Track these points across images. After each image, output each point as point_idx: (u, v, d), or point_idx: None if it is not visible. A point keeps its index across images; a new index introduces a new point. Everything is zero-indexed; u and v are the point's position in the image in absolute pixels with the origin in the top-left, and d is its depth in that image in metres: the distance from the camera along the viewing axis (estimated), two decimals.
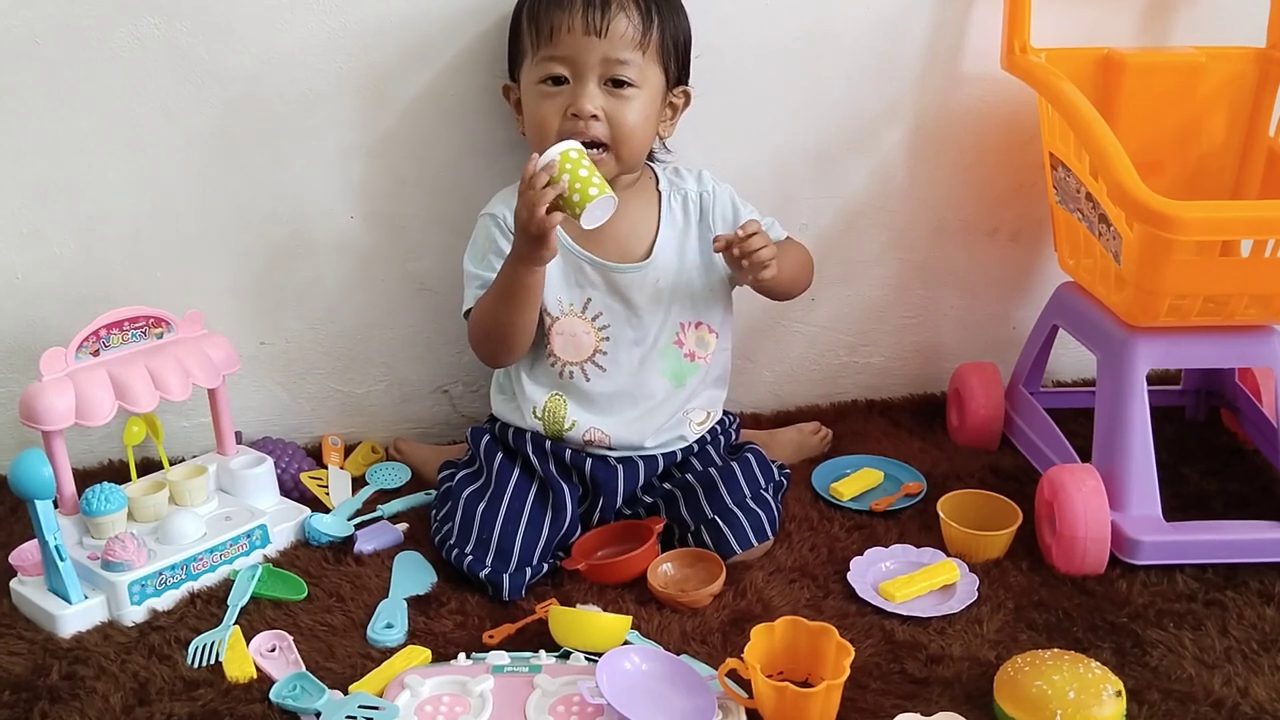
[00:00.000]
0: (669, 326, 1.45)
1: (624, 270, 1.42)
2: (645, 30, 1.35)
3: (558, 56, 1.34)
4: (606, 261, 1.42)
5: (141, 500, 1.39)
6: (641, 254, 1.43)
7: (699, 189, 1.46)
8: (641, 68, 1.36)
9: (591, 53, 1.33)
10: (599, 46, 1.33)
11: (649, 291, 1.42)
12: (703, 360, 1.47)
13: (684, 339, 1.46)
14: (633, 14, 1.34)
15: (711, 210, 1.46)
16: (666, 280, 1.43)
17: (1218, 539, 1.35)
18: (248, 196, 1.52)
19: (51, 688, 1.18)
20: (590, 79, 1.34)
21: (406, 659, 1.22)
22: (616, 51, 1.34)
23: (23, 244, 1.50)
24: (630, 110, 1.36)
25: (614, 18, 1.33)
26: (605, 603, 1.31)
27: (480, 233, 1.44)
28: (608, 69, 1.34)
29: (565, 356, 1.43)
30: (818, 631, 1.17)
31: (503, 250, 1.39)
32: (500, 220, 1.41)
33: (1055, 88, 1.42)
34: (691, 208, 1.46)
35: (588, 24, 1.32)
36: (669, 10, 1.38)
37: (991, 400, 1.64)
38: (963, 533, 1.39)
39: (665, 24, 1.37)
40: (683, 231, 1.45)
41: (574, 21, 1.32)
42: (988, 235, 1.72)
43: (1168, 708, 1.15)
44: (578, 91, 1.35)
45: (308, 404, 1.66)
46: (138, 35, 1.42)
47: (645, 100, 1.37)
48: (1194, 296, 1.35)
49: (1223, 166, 1.58)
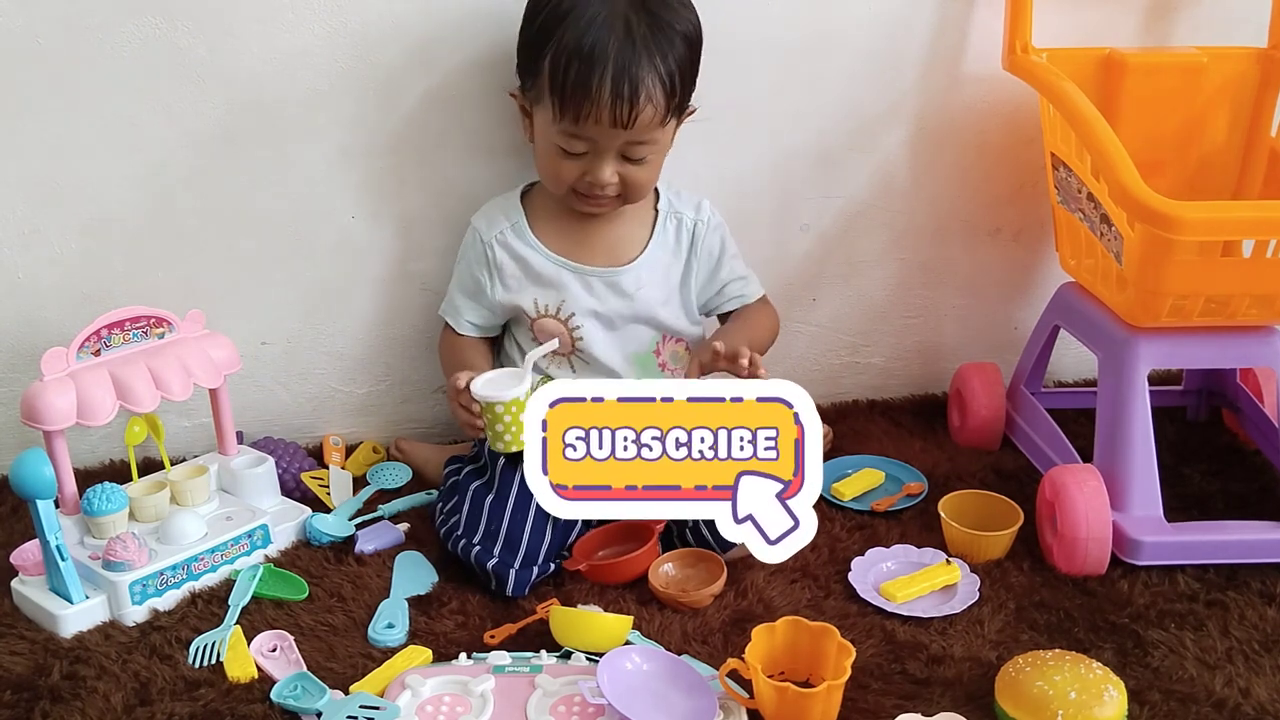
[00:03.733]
0: (647, 337, 1.48)
1: (604, 274, 1.45)
2: (668, 108, 1.35)
3: (581, 136, 1.34)
4: (586, 266, 1.45)
5: (143, 500, 1.39)
6: (623, 262, 1.46)
7: (695, 218, 1.48)
8: (659, 135, 1.37)
9: (615, 139, 1.34)
10: (623, 135, 1.33)
11: (625, 297, 1.45)
12: (673, 374, 1.51)
13: (661, 350, 1.49)
14: (657, 97, 1.32)
15: (701, 243, 1.48)
16: (646, 291, 1.46)
17: (1219, 539, 1.35)
18: (249, 196, 1.52)
19: (52, 687, 1.18)
20: (609, 155, 1.36)
21: (407, 659, 1.22)
22: (639, 136, 1.34)
23: (24, 243, 1.50)
24: (645, 172, 1.38)
25: (641, 110, 1.31)
26: (606, 603, 1.31)
27: (464, 240, 1.50)
28: (628, 148, 1.36)
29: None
30: (819, 632, 1.17)
31: (469, 261, 1.48)
32: (477, 233, 1.47)
33: (1057, 88, 1.42)
34: (684, 234, 1.48)
35: (615, 118, 1.31)
36: (685, 53, 1.35)
37: (993, 400, 1.64)
38: (964, 533, 1.39)
39: (685, 80, 1.36)
40: (672, 253, 1.48)
41: (601, 114, 1.31)
42: (989, 235, 1.72)
43: (1169, 708, 1.15)
44: (596, 165, 1.36)
45: (309, 404, 1.66)
46: (139, 35, 1.42)
47: (660, 155, 1.40)
48: (1195, 297, 1.35)
49: (1224, 167, 1.58)
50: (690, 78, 1.38)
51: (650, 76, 1.31)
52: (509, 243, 1.45)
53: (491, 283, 1.46)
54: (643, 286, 1.46)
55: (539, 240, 1.45)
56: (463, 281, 1.50)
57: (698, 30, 1.38)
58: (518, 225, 1.46)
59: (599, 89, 1.29)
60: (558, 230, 1.45)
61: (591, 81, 1.29)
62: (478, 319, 1.50)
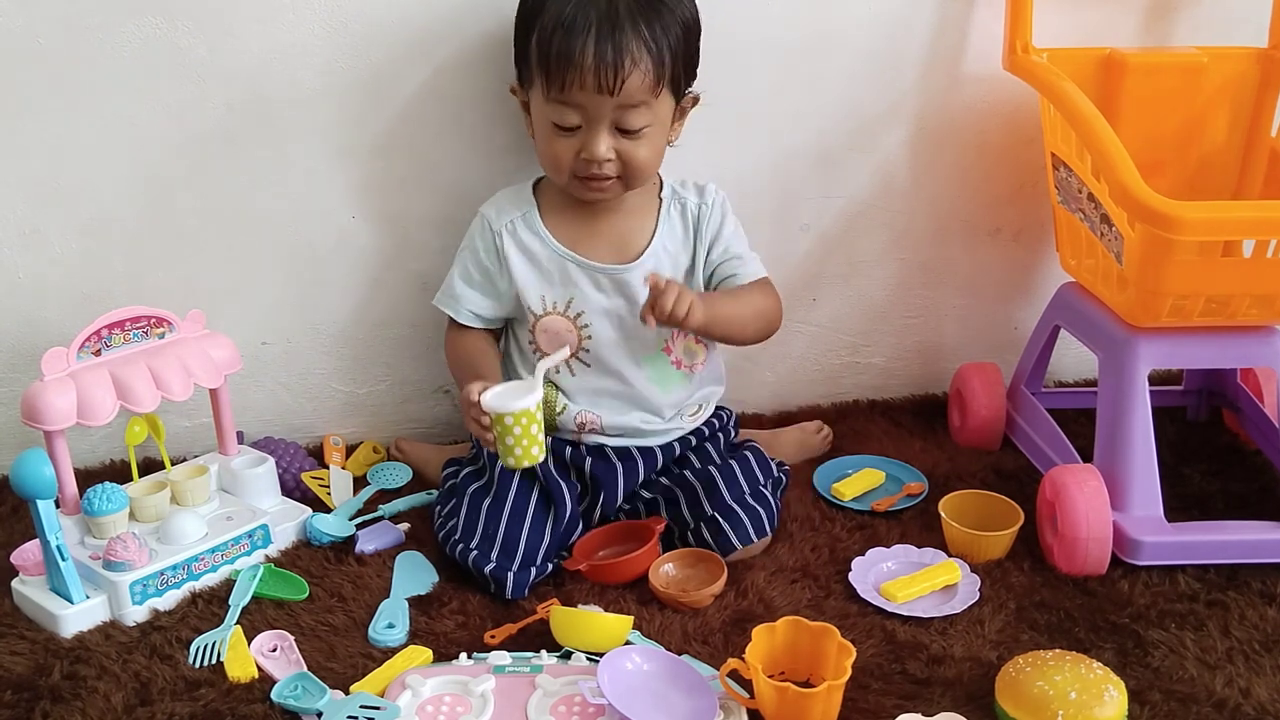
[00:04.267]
0: (656, 334, 1.45)
1: (611, 271, 1.43)
2: (658, 76, 1.33)
3: (570, 104, 1.33)
4: (594, 262, 1.43)
5: (143, 500, 1.39)
6: (633, 256, 1.44)
7: (698, 201, 1.46)
8: (654, 106, 1.35)
9: (604, 106, 1.32)
10: (611, 101, 1.31)
11: (634, 292, 1.42)
12: (688, 369, 1.48)
13: (672, 347, 1.47)
14: (645, 64, 1.31)
15: (705, 224, 1.46)
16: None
17: (1219, 539, 1.35)
18: (249, 196, 1.52)
19: (53, 687, 1.18)
20: (602, 127, 1.33)
21: (408, 659, 1.22)
22: (629, 100, 1.32)
23: (25, 243, 1.50)
24: (642, 148, 1.36)
25: (628, 75, 1.30)
26: (607, 603, 1.31)
27: (471, 228, 1.47)
28: (620, 117, 1.33)
29: (549, 351, 1.42)
30: (819, 632, 1.17)
31: (476, 249, 1.44)
32: (487, 221, 1.45)
33: (1057, 88, 1.42)
34: (689, 219, 1.46)
35: (600, 83, 1.29)
36: (680, 34, 1.34)
37: (993, 400, 1.64)
38: (964, 533, 1.39)
39: (677, 56, 1.34)
40: (680, 242, 1.46)
41: (585, 79, 1.29)
42: (989, 235, 1.72)
43: (1169, 708, 1.15)
44: (590, 138, 1.34)
45: (309, 404, 1.66)
46: (140, 35, 1.42)
47: (657, 132, 1.37)
48: (1196, 297, 1.35)
49: (1224, 167, 1.58)
50: (684, 55, 1.36)
51: (635, 42, 1.29)
52: (518, 232, 1.43)
53: (500, 271, 1.44)
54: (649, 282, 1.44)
55: (548, 231, 1.43)
56: (466, 270, 1.46)
57: (694, 15, 1.37)
58: (528, 215, 1.44)
59: (582, 53, 1.28)
60: (565, 222, 1.43)
61: (574, 46, 1.28)
62: (481, 309, 1.46)
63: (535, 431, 1.26)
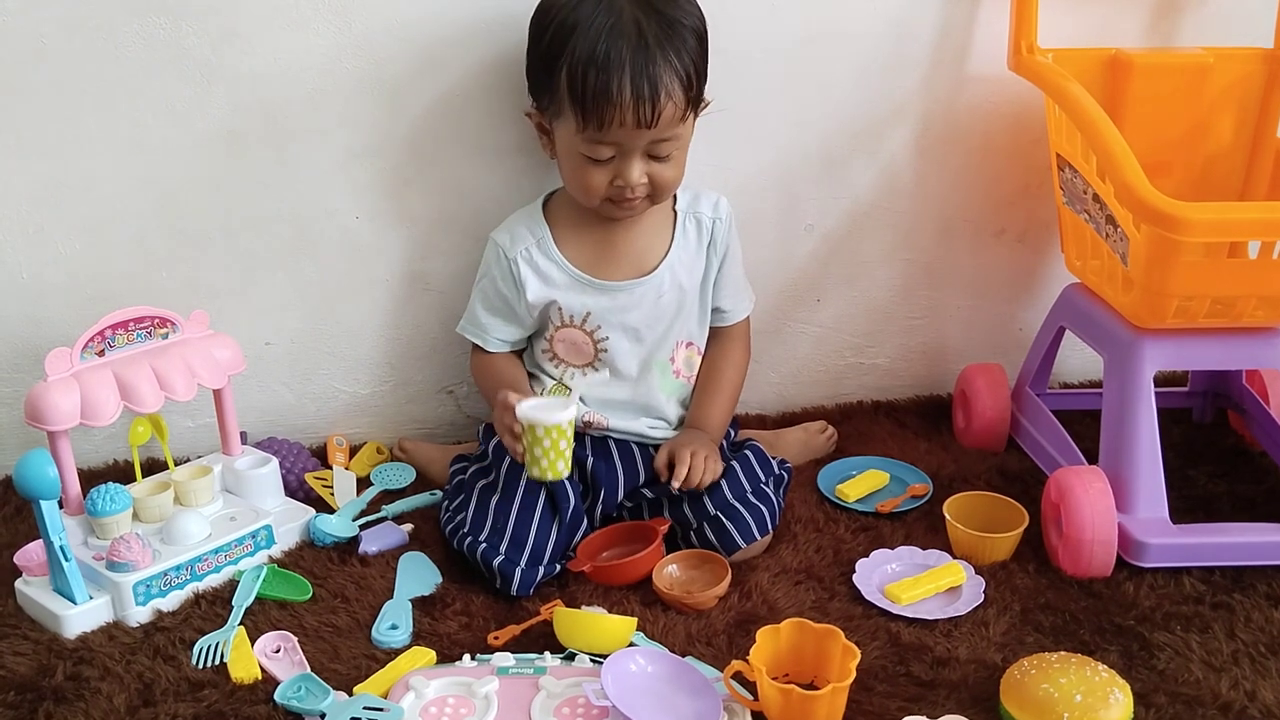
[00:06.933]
0: (667, 343, 1.48)
1: (628, 287, 1.44)
2: (687, 102, 1.35)
3: (606, 142, 1.34)
4: (611, 282, 1.45)
5: (146, 500, 1.39)
6: (649, 269, 1.46)
7: (713, 215, 1.48)
8: (681, 132, 1.37)
9: (640, 139, 1.34)
10: (648, 134, 1.33)
11: (650, 305, 1.45)
12: (687, 380, 1.51)
13: (676, 357, 1.50)
14: (676, 94, 1.32)
15: (720, 240, 1.49)
16: (670, 296, 1.46)
17: (1225, 541, 1.35)
18: (253, 197, 1.52)
19: (56, 688, 1.18)
20: (636, 156, 1.35)
21: (411, 660, 1.22)
22: (663, 133, 1.34)
23: (29, 243, 1.50)
24: (671, 169, 1.38)
25: (663, 108, 1.31)
26: (610, 604, 1.31)
27: (486, 256, 1.49)
28: (653, 147, 1.35)
29: (568, 359, 1.48)
30: (823, 633, 1.17)
31: (494, 277, 1.46)
32: (501, 250, 1.45)
33: (1062, 88, 1.41)
34: (704, 233, 1.48)
35: (639, 119, 1.31)
36: (695, 47, 1.35)
37: (998, 402, 1.64)
38: (969, 535, 1.39)
39: (699, 74, 1.36)
40: (694, 254, 1.48)
41: (625, 116, 1.31)
42: (994, 236, 1.72)
43: (1175, 711, 1.15)
44: (624, 167, 1.36)
45: (312, 404, 1.66)
46: (144, 36, 1.42)
47: (682, 151, 1.39)
48: (1201, 298, 1.34)
49: (1230, 167, 1.58)
50: (703, 70, 1.38)
51: (668, 74, 1.31)
52: (534, 259, 1.44)
53: (519, 298, 1.45)
54: (664, 294, 1.46)
55: (564, 256, 1.44)
56: (488, 299, 1.48)
57: (704, 23, 1.38)
58: (543, 241, 1.45)
59: (619, 93, 1.29)
60: (581, 243, 1.45)
61: (611, 87, 1.29)
62: (507, 335, 1.49)
63: (564, 447, 1.28)
